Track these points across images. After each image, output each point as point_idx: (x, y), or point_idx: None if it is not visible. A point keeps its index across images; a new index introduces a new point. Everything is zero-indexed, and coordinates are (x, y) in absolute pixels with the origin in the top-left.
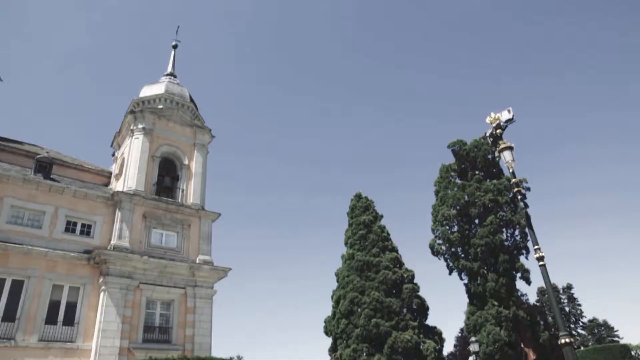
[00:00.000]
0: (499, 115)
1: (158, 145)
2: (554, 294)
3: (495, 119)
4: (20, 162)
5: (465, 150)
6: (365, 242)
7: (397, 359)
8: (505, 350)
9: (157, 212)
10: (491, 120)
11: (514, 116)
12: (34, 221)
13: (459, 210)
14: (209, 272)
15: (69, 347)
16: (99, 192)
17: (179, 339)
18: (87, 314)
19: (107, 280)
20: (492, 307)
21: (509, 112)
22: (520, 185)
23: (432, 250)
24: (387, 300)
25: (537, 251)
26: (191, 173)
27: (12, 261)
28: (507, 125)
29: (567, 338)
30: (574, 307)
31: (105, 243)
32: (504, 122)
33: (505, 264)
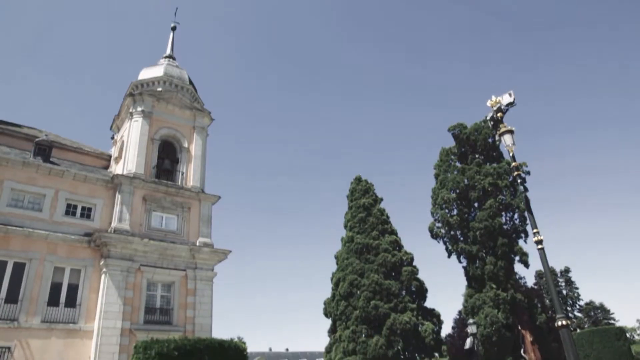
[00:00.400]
0: (500, 99)
1: (157, 128)
2: (551, 277)
3: (496, 102)
4: (19, 145)
5: (465, 134)
6: (364, 225)
7: (396, 340)
8: (502, 332)
9: (157, 195)
10: (492, 104)
11: (515, 99)
12: (34, 204)
13: (458, 193)
14: (209, 254)
15: (72, 328)
16: (98, 175)
17: (179, 321)
18: (89, 296)
19: (108, 263)
20: (491, 289)
21: (510, 96)
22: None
23: (432, 233)
24: (386, 283)
25: (536, 235)
26: (191, 156)
27: (14, 244)
28: (508, 108)
29: (563, 320)
30: (571, 290)
31: (106, 226)
32: (505, 105)
33: (503, 248)
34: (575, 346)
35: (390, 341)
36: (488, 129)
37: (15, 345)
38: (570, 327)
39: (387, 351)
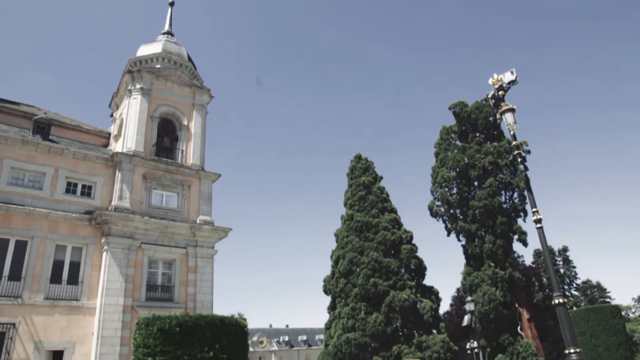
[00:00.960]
0: (502, 77)
1: (156, 106)
2: (549, 256)
3: (497, 80)
4: (18, 123)
5: (466, 112)
6: (364, 203)
7: (395, 317)
8: (500, 309)
9: (157, 172)
10: (494, 82)
11: (516, 78)
12: (34, 182)
13: (458, 172)
14: (210, 232)
15: (74, 305)
16: (98, 153)
17: (181, 297)
18: (91, 274)
19: (109, 241)
20: (489, 268)
21: (512, 74)
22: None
23: (431, 211)
24: (386, 261)
25: (535, 214)
26: (190, 134)
27: (15, 222)
28: (510, 86)
29: (560, 299)
30: (568, 269)
31: (106, 204)
32: (506, 83)
33: (502, 226)
34: (571, 324)
35: (389, 318)
36: (489, 107)
37: (20, 321)
38: (566, 305)
39: (385, 328)
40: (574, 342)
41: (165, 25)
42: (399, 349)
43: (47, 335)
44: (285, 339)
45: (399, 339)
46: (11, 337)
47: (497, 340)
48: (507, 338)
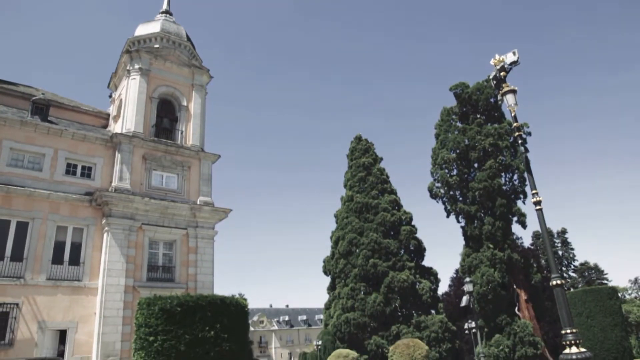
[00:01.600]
0: (504, 57)
1: (155, 86)
2: (548, 237)
3: (499, 61)
4: (16, 104)
5: (467, 93)
6: (364, 184)
7: (394, 297)
8: (498, 290)
9: (156, 153)
10: (495, 62)
11: (518, 58)
12: (34, 164)
13: (458, 153)
14: (210, 213)
15: (76, 286)
16: (97, 134)
17: (181, 278)
18: (92, 254)
19: (110, 222)
20: (488, 249)
21: (514, 55)
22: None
23: (431, 193)
24: (385, 242)
25: (535, 196)
26: (190, 114)
27: (16, 203)
28: (512, 67)
29: (558, 280)
30: (567, 251)
31: (106, 185)
32: (508, 64)
33: (502, 208)
34: (568, 305)
35: (388, 298)
36: (490, 89)
37: (23, 301)
38: (564, 287)
39: (385, 308)
40: (571, 323)
41: (164, 4)
42: (397, 328)
43: (50, 315)
44: (286, 319)
45: (398, 319)
46: (15, 317)
47: (494, 320)
48: (504, 318)
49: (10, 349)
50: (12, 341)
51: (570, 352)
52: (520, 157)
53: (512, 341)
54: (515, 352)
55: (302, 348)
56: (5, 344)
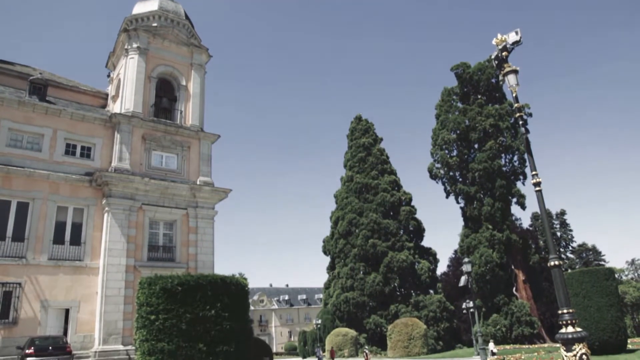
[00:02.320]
0: (506, 37)
1: (154, 66)
2: (547, 219)
3: (501, 41)
4: (13, 84)
5: (468, 74)
6: (364, 164)
7: (393, 277)
8: (496, 271)
9: (156, 133)
10: (497, 42)
11: (521, 38)
12: (33, 144)
13: (459, 134)
14: (210, 193)
15: (78, 265)
16: (96, 114)
17: (182, 258)
18: (93, 234)
19: (110, 202)
20: (487, 230)
21: (516, 34)
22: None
23: (431, 173)
24: (385, 222)
25: (535, 177)
26: (189, 94)
27: (16, 184)
28: (514, 47)
29: (556, 261)
30: (565, 232)
31: (106, 165)
32: (510, 44)
33: (501, 189)
34: (565, 285)
35: (387, 278)
36: (492, 69)
37: (25, 281)
38: (562, 268)
39: (384, 288)
40: (568, 303)
41: None
42: (396, 308)
43: (52, 294)
44: (285, 298)
45: (397, 298)
46: (18, 296)
47: (492, 300)
48: (502, 298)
49: (15, 327)
50: (16, 320)
51: (566, 332)
52: (520, 138)
53: (509, 321)
54: (512, 332)
55: (301, 327)
56: (9, 322)
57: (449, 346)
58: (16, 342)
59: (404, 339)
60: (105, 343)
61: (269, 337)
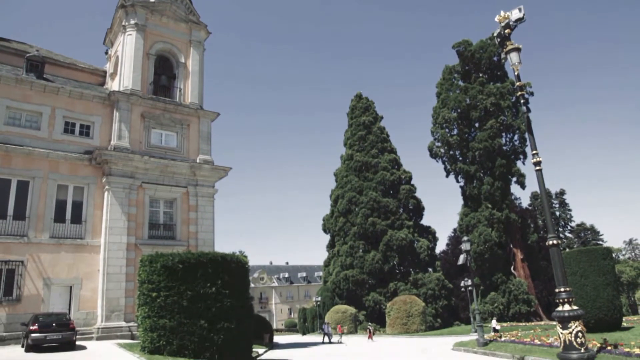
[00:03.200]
0: (509, 14)
1: (152, 42)
2: (546, 198)
3: (504, 18)
4: (9, 61)
5: (470, 51)
6: (364, 142)
7: (392, 255)
8: (495, 250)
9: (155, 112)
10: (500, 19)
11: (524, 15)
12: (31, 122)
13: (459, 113)
14: (210, 171)
15: (79, 243)
16: (95, 92)
17: (182, 236)
18: (94, 213)
19: (110, 180)
20: (486, 209)
21: (519, 11)
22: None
23: (431, 152)
24: (384, 200)
25: (535, 156)
26: (188, 72)
27: (15, 162)
28: (517, 24)
29: (554, 240)
30: (564, 211)
31: (105, 144)
32: (513, 21)
33: (501, 168)
34: (563, 264)
35: (386, 256)
36: (494, 47)
37: (28, 259)
38: (560, 247)
39: (383, 266)
40: (565, 282)
41: None
42: (395, 285)
43: (54, 272)
44: (285, 276)
45: (396, 276)
46: (21, 274)
47: (490, 278)
48: (500, 277)
49: (18, 304)
50: (20, 297)
51: (562, 310)
52: (521, 117)
53: (506, 299)
54: (510, 309)
55: (301, 304)
56: (12, 299)
57: (447, 323)
58: (20, 318)
59: (402, 316)
60: (107, 320)
61: (269, 314)
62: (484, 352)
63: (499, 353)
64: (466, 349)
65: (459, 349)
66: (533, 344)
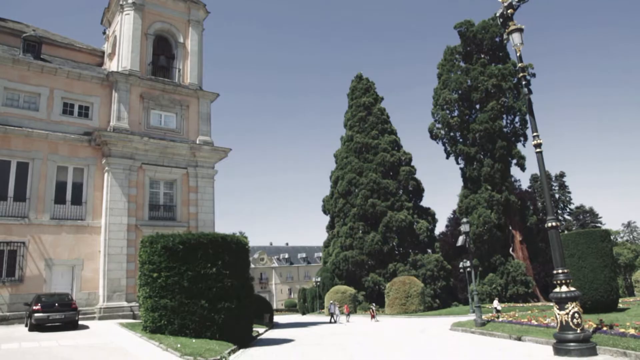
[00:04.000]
0: None
1: (150, 22)
2: (546, 180)
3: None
4: (5, 41)
5: (472, 32)
6: (364, 124)
7: (391, 236)
8: (494, 231)
9: (154, 92)
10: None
11: None
12: (30, 103)
13: (460, 94)
14: (210, 152)
15: (80, 225)
16: (93, 73)
17: (183, 217)
18: (94, 194)
19: (110, 162)
20: (486, 191)
21: None
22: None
23: (431, 134)
24: (384, 182)
25: (536, 138)
26: (187, 52)
27: (14, 144)
28: (520, 4)
29: (553, 222)
30: (563, 194)
31: (105, 125)
32: (516, 1)
33: (502, 150)
34: (561, 246)
35: (386, 237)
36: (496, 27)
37: (29, 240)
38: (558, 229)
39: (382, 247)
40: (563, 263)
41: None
42: (394, 266)
43: (56, 252)
44: (285, 256)
45: (395, 257)
46: (22, 255)
47: (489, 260)
48: (498, 258)
49: (21, 284)
50: (22, 277)
51: (560, 291)
52: (523, 99)
53: (504, 280)
54: (507, 290)
55: (301, 284)
56: (15, 280)
57: (446, 304)
58: (23, 298)
59: (401, 296)
60: (109, 300)
61: (270, 294)
62: (481, 332)
63: (496, 333)
64: (464, 329)
65: (456, 329)
66: (530, 324)
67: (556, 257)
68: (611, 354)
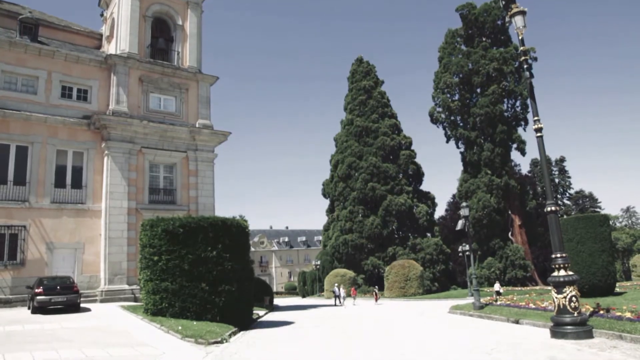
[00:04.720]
0: None
1: (149, 4)
2: (546, 165)
3: None
4: (1, 23)
5: (474, 15)
6: (364, 107)
7: (391, 220)
8: (493, 215)
9: (153, 75)
10: None
11: None
12: (28, 87)
13: (461, 78)
14: (209, 136)
15: (80, 208)
16: (91, 56)
17: (183, 200)
18: (94, 178)
19: (109, 145)
20: (485, 175)
21: None
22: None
23: (432, 117)
24: (384, 166)
25: (536, 122)
26: (186, 34)
27: (13, 127)
28: None
29: (552, 207)
30: (563, 179)
31: (104, 108)
32: None
33: (502, 135)
34: (560, 231)
35: (385, 221)
36: (498, 10)
37: (30, 224)
38: (558, 214)
39: (382, 230)
40: (561, 248)
41: None
42: (394, 250)
43: (57, 236)
44: (285, 240)
45: (395, 241)
46: (24, 239)
47: (488, 244)
48: (497, 242)
49: (23, 268)
50: (24, 261)
51: (558, 275)
52: (524, 83)
53: (503, 264)
54: (506, 274)
55: (301, 267)
56: (17, 263)
57: (444, 287)
58: (25, 282)
59: (400, 280)
60: (110, 283)
61: (270, 277)
62: (479, 316)
63: (494, 316)
64: (462, 312)
65: (455, 312)
66: (528, 307)
67: (555, 241)
68: (607, 337)
